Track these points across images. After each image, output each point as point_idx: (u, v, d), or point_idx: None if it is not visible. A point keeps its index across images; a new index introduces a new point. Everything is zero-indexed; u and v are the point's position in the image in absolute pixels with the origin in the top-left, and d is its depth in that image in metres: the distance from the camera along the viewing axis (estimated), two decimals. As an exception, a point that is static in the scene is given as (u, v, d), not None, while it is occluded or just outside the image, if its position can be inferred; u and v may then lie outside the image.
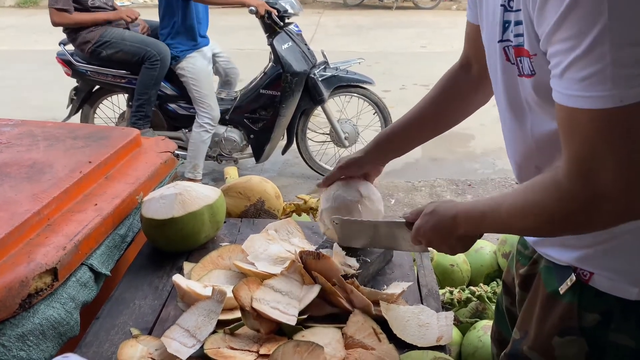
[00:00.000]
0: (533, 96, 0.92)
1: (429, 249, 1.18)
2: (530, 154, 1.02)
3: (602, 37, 0.71)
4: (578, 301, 0.98)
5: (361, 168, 1.41)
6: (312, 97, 4.05)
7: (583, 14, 0.73)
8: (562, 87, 0.78)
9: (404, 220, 1.23)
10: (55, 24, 3.86)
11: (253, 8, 3.83)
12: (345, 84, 4.14)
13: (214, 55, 4.21)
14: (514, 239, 2.28)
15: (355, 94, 4.24)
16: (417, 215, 1.15)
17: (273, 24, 3.94)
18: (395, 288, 1.35)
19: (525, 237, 1.14)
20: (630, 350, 0.95)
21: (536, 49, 0.85)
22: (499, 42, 0.95)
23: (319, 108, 4.19)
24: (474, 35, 1.18)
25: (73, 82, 4.27)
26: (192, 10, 3.89)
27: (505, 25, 0.92)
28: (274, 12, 3.91)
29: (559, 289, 1.00)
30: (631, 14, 0.71)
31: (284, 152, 4.32)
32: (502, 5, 0.91)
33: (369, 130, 4.35)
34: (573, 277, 0.98)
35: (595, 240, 0.95)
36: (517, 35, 0.89)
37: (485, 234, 1.12)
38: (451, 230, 1.06)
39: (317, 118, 4.35)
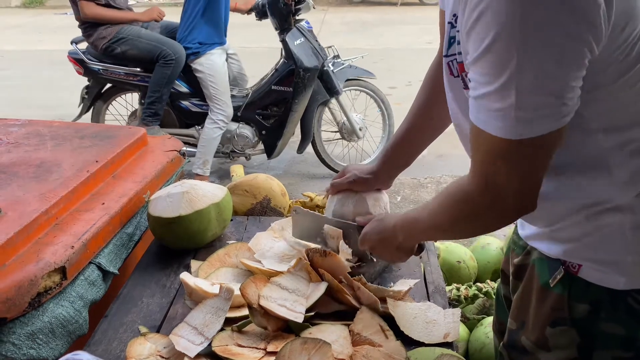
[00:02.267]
0: None
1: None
2: None
3: (510, 83, 0.81)
4: (568, 292, 1.01)
5: (371, 187, 1.43)
6: (328, 90, 4.07)
7: (496, 60, 0.82)
8: (475, 108, 0.88)
9: (355, 224, 1.29)
10: (86, 17, 3.85)
11: None
12: (353, 78, 4.18)
13: (227, 56, 4.22)
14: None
15: (359, 87, 4.29)
16: (368, 220, 1.24)
17: (292, 16, 3.94)
18: (403, 285, 1.35)
19: (518, 230, 1.17)
20: (621, 338, 0.98)
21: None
22: (444, 56, 1.02)
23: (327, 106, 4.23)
24: None
25: (79, 81, 4.28)
26: (222, 3, 3.90)
27: (450, 41, 0.99)
28: None
29: (549, 281, 1.03)
30: (534, 68, 0.80)
31: (300, 150, 4.29)
32: (449, 22, 0.98)
33: (374, 127, 4.40)
34: (562, 269, 1.01)
35: (581, 234, 0.98)
36: (459, 52, 0.96)
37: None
38: (391, 240, 1.16)
39: (323, 115, 4.35)
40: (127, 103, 4.48)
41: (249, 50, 7.29)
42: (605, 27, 0.80)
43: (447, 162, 4.58)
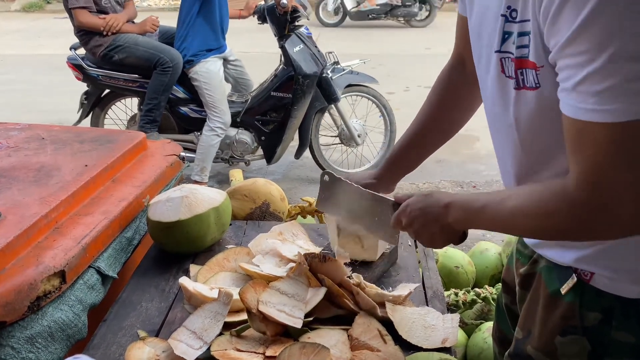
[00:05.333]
0: (532, 109, 0.92)
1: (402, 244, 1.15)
2: (520, 164, 1.02)
3: (620, 53, 0.72)
4: (579, 301, 0.99)
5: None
6: (326, 96, 4.09)
7: (600, 30, 0.73)
8: (575, 100, 0.78)
9: (392, 200, 1.21)
10: (81, 25, 3.86)
11: (284, 2, 3.84)
12: (354, 84, 4.19)
13: (227, 62, 4.23)
14: (519, 240, 2.27)
15: (361, 94, 4.30)
16: (407, 197, 1.14)
17: (290, 23, 3.96)
18: (403, 289, 1.36)
19: (524, 238, 1.15)
20: (630, 345, 0.97)
21: (543, 61, 0.85)
22: (496, 52, 0.95)
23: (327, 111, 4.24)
24: (467, 30, 1.13)
25: (79, 86, 4.29)
26: (216, 6, 3.90)
27: (504, 36, 0.91)
28: (299, 7, 3.96)
29: (561, 289, 1.01)
30: None
31: (298, 156, 4.31)
32: (502, 15, 0.91)
33: (375, 132, 4.41)
34: (574, 277, 0.99)
35: (594, 241, 0.96)
36: (520, 47, 0.89)
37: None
38: (438, 217, 1.03)
39: (323, 120, 4.37)
40: (126, 108, 4.49)
41: (253, 55, 7.31)
42: None
43: (445, 167, 4.60)
